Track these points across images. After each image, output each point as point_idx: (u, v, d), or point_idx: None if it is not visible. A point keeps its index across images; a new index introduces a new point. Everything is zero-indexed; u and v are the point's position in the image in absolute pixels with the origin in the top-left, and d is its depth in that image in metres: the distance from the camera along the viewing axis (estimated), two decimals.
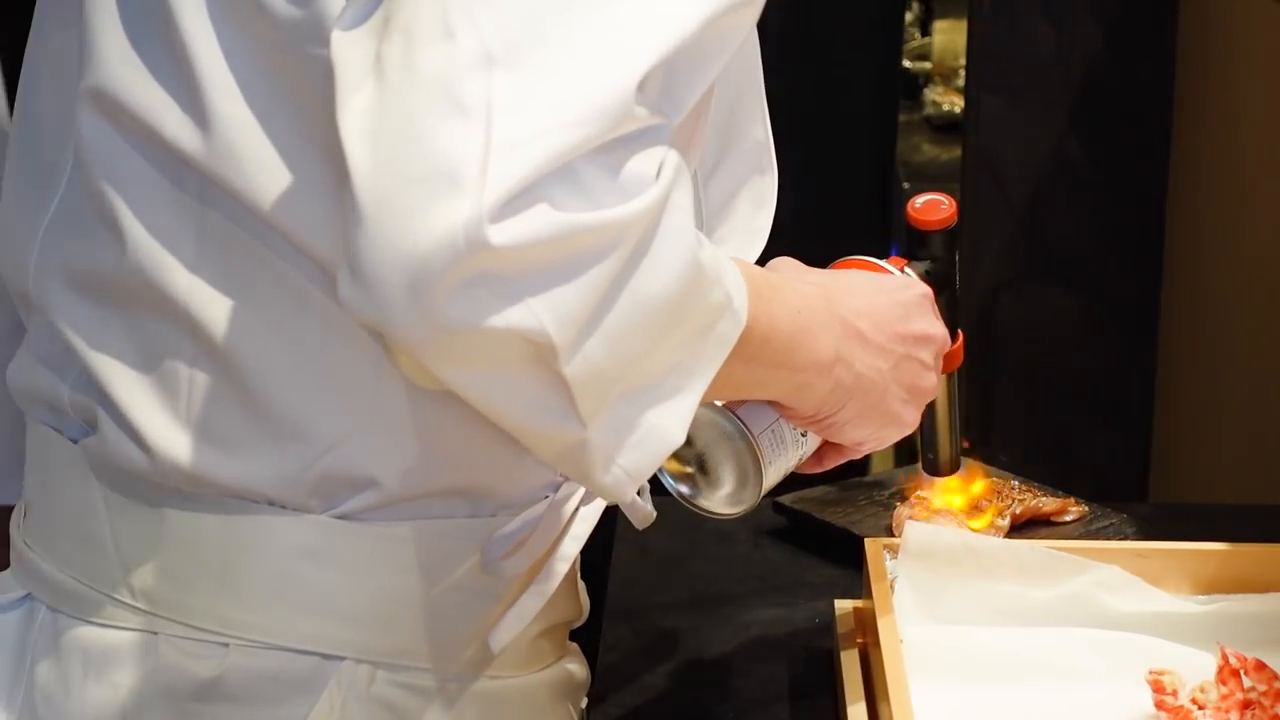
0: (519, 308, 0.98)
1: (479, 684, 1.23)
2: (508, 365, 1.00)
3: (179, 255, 1.14)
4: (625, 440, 1.05)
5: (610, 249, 0.99)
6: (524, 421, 1.03)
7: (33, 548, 1.23)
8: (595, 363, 1.01)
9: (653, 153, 1.02)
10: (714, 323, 1.07)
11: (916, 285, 1.30)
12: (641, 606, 1.59)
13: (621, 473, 1.06)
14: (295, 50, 1.09)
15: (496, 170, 0.96)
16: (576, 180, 0.98)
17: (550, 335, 0.99)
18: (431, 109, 0.97)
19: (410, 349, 0.99)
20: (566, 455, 1.05)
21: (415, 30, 0.98)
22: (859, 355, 1.22)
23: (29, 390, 1.23)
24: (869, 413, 1.24)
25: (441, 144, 0.96)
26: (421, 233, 0.96)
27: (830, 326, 1.20)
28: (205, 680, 1.17)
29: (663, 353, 1.05)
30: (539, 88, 0.97)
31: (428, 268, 0.96)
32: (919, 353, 1.26)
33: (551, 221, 0.97)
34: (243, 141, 1.11)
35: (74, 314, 1.17)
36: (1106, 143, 2.74)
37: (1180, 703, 1.28)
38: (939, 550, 1.42)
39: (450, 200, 0.95)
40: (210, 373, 1.15)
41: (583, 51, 0.98)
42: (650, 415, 1.06)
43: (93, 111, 1.14)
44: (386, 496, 1.17)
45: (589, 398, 1.02)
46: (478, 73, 0.97)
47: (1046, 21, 2.69)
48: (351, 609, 1.18)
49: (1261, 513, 1.89)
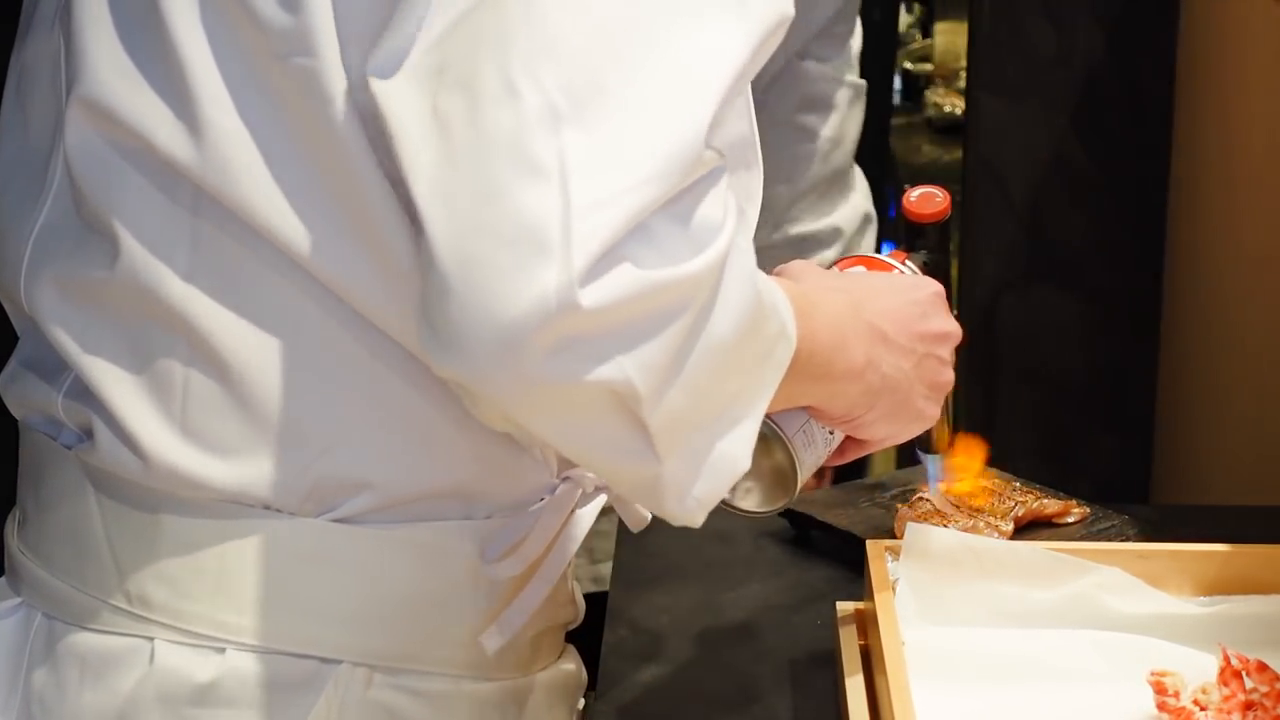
0: (609, 365, 1.01)
1: (476, 686, 1.23)
2: (592, 414, 1.03)
3: (173, 263, 1.14)
4: (697, 471, 1.09)
5: (689, 302, 1.02)
6: (603, 461, 1.07)
7: (27, 555, 1.23)
8: (674, 409, 1.04)
9: (716, 195, 1.04)
10: (771, 350, 1.11)
11: (929, 284, 1.33)
12: (642, 608, 1.59)
13: (694, 502, 1.10)
14: (284, 59, 1.09)
15: (580, 232, 0.98)
16: (651, 235, 1.01)
17: (636, 387, 1.02)
18: (506, 170, 0.98)
19: (498, 405, 1.03)
20: (641, 488, 1.09)
21: (477, 87, 0.99)
22: (885, 358, 1.25)
23: (22, 397, 1.23)
24: (895, 411, 1.27)
25: (521, 206, 0.98)
26: (512, 297, 0.98)
27: (860, 333, 1.23)
28: (202, 685, 1.17)
29: (730, 387, 1.08)
30: (610, 144, 0.99)
31: (519, 331, 0.98)
32: (938, 350, 1.30)
33: (636, 281, 1.00)
34: (234, 151, 1.11)
35: (66, 321, 1.17)
36: (1107, 144, 2.73)
37: (1182, 704, 1.28)
38: (940, 552, 1.42)
39: (539, 264, 0.98)
40: (204, 378, 1.15)
41: (649, 103, 1.01)
42: (718, 445, 1.09)
43: (83, 122, 1.14)
44: (382, 500, 1.17)
45: (666, 438, 1.06)
46: (547, 131, 0.99)
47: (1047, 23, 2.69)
48: (348, 612, 1.18)
49: (1263, 514, 1.88)
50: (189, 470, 1.15)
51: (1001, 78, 2.63)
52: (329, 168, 1.11)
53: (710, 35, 1.03)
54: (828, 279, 1.28)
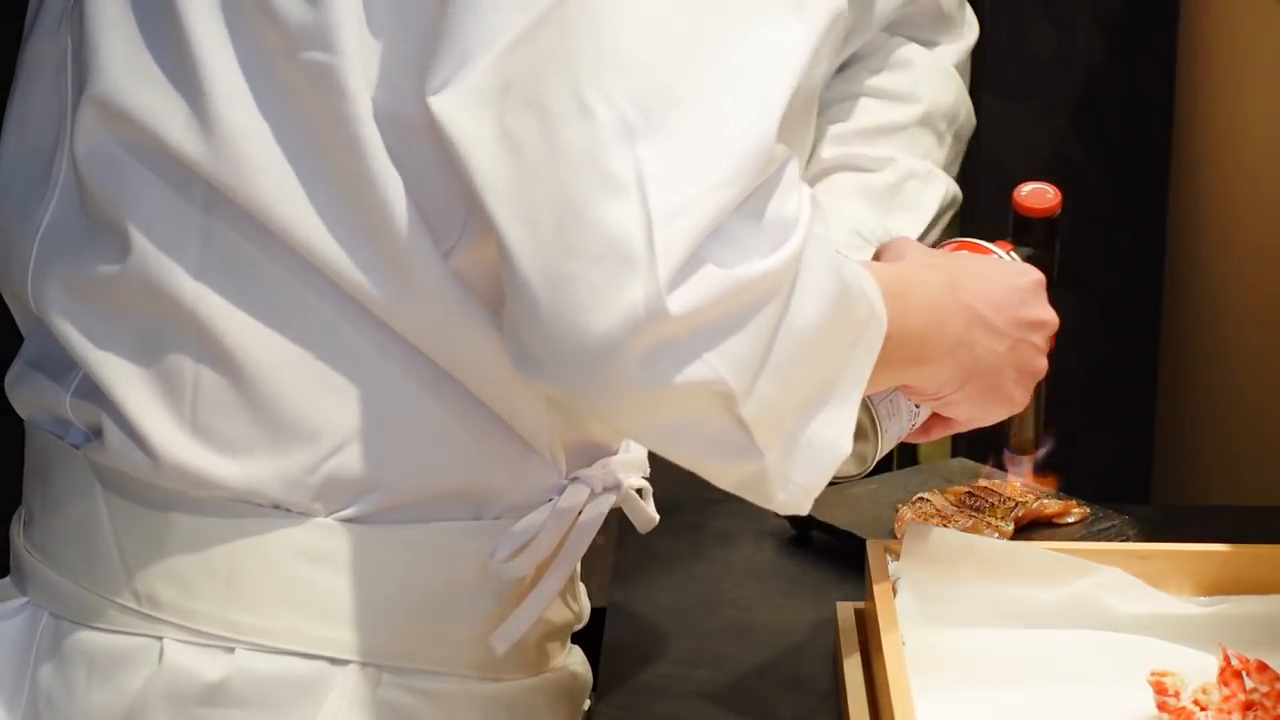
0: (698, 364, 1.03)
1: (484, 686, 1.23)
2: (689, 414, 1.05)
3: (184, 260, 1.14)
4: (800, 459, 1.11)
5: (771, 296, 1.04)
6: (706, 460, 1.09)
7: (34, 554, 1.23)
8: (768, 399, 1.06)
9: (788, 187, 1.06)
10: (862, 333, 1.12)
11: (1031, 271, 1.34)
12: (643, 608, 1.59)
13: (798, 489, 1.13)
14: (301, 56, 1.09)
15: (663, 241, 1.00)
16: (730, 236, 1.03)
17: (728, 383, 1.04)
18: (585, 188, 1.00)
19: (595, 414, 1.07)
20: (746, 482, 1.11)
21: (548, 106, 1.01)
22: (980, 339, 1.26)
23: (29, 397, 1.24)
24: (985, 393, 1.29)
25: (604, 222, 1.00)
26: (603, 312, 1.01)
27: (956, 312, 1.24)
28: (210, 684, 1.17)
29: (823, 373, 1.10)
30: (683, 152, 1.01)
31: (612, 344, 1.01)
32: (1033, 337, 1.31)
33: (720, 281, 1.02)
34: (248, 148, 1.11)
35: (74, 319, 1.17)
36: (1107, 144, 2.73)
37: (1182, 704, 1.28)
38: (941, 552, 1.42)
39: (626, 277, 1.00)
40: (215, 375, 1.15)
41: (716, 108, 1.02)
42: (819, 431, 1.11)
43: (94, 122, 1.15)
44: (391, 499, 1.17)
45: (765, 431, 1.07)
46: (622, 146, 1.01)
47: (1047, 23, 2.69)
48: (357, 612, 1.18)
49: (1263, 514, 1.88)
50: (198, 469, 1.16)
51: (1001, 78, 2.63)
52: (344, 166, 1.11)
53: (772, 38, 1.04)
54: (929, 257, 1.29)
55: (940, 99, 2.21)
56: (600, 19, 1.02)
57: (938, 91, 2.21)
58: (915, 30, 2.18)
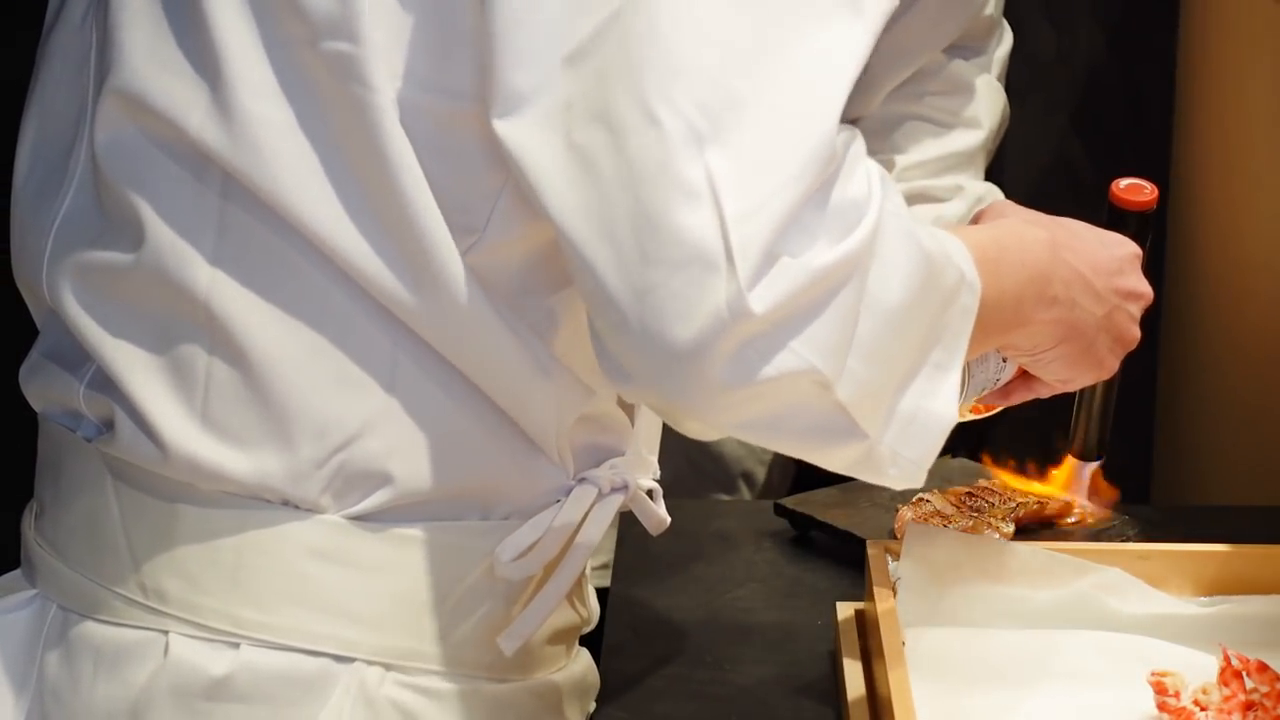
0: (786, 354, 1.04)
1: (490, 686, 1.23)
2: (786, 405, 1.06)
3: (199, 249, 1.15)
4: (907, 433, 1.12)
5: (849, 278, 1.05)
6: (812, 446, 1.10)
7: (44, 546, 1.23)
8: (862, 380, 1.07)
9: (854, 171, 1.07)
10: (954, 299, 1.13)
11: (1129, 244, 1.35)
12: (644, 609, 1.59)
13: (909, 463, 1.13)
14: (321, 45, 1.10)
15: (739, 243, 1.01)
16: (801, 226, 1.03)
17: (820, 370, 1.05)
18: (661, 197, 1.01)
19: (692, 416, 1.07)
20: (856, 463, 1.12)
21: (615, 119, 1.02)
22: (1078, 299, 1.27)
23: (42, 389, 1.24)
24: (1079, 354, 1.30)
25: (682, 229, 1.01)
26: (689, 318, 1.02)
27: (1056, 270, 1.25)
28: (216, 679, 1.17)
29: (917, 344, 1.11)
30: (751, 154, 1.02)
31: (701, 348, 1.02)
32: (1129, 306, 1.33)
33: (797, 272, 1.03)
34: (267, 137, 1.11)
35: (88, 311, 1.18)
36: (1108, 145, 2.73)
37: (1182, 704, 1.28)
38: (941, 553, 1.42)
39: (709, 281, 1.01)
40: (227, 368, 1.15)
41: (780, 108, 1.03)
42: (923, 403, 1.12)
43: (115, 111, 1.15)
44: (399, 496, 1.17)
45: (865, 411, 1.08)
46: (692, 153, 1.02)
47: (1047, 23, 2.69)
48: (363, 610, 1.18)
49: (1263, 514, 1.88)
50: (208, 461, 1.16)
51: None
52: (364, 157, 1.11)
53: (831, 37, 1.05)
54: (1028, 216, 1.30)
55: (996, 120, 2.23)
56: (659, 27, 1.03)
57: (995, 113, 2.23)
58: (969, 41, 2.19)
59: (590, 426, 1.23)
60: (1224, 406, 2.49)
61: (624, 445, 1.26)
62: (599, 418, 1.24)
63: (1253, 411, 2.36)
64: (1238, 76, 2.45)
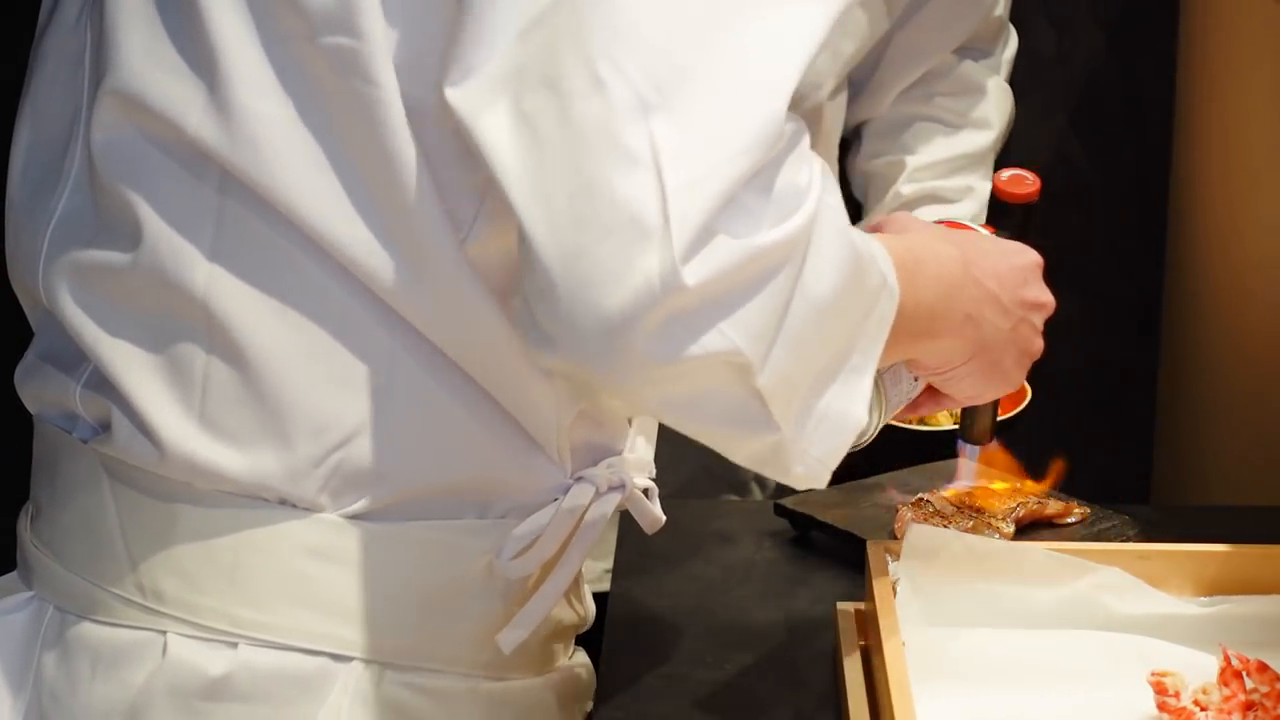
0: (713, 334, 1.03)
1: (487, 686, 1.24)
2: (706, 386, 1.05)
3: (197, 247, 1.15)
4: (816, 432, 1.11)
5: (783, 264, 1.04)
6: (723, 433, 1.09)
7: (41, 548, 1.23)
8: (782, 369, 1.06)
9: (798, 159, 1.06)
10: (874, 304, 1.12)
11: (1030, 252, 1.35)
12: (643, 609, 1.59)
13: (815, 462, 1.12)
14: (320, 40, 1.10)
15: (678, 213, 1.00)
16: (742, 207, 1.02)
17: (744, 353, 1.04)
18: (601, 162, 1.00)
19: (612, 389, 1.05)
20: (763, 455, 1.11)
21: (562, 84, 1.01)
22: (988, 315, 1.27)
23: (38, 391, 1.24)
24: (987, 370, 1.30)
25: (619, 195, 1.00)
26: (618, 285, 1.00)
27: (967, 287, 1.25)
28: (214, 679, 1.17)
29: (836, 343, 1.10)
30: (697, 125, 1.01)
31: (627, 316, 1.00)
32: (1034, 317, 1.32)
33: (733, 251, 1.02)
34: (265, 133, 1.11)
35: (85, 311, 1.18)
36: (1107, 144, 2.74)
37: (1182, 704, 1.28)
38: (941, 553, 1.42)
39: (641, 249, 1.00)
40: (225, 366, 1.15)
41: (731, 82, 1.02)
42: (835, 403, 1.11)
43: (112, 112, 1.15)
44: (396, 494, 1.17)
45: (781, 402, 1.07)
46: (636, 120, 1.00)
47: (1047, 23, 2.69)
48: (361, 609, 1.18)
49: (1263, 514, 1.88)
50: (205, 460, 1.16)
51: None
52: (364, 151, 1.11)
53: (788, 15, 1.05)
54: (936, 231, 1.29)
55: (1005, 121, 2.24)
56: None
57: (1004, 114, 2.23)
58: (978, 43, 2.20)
59: (589, 424, 1.23)
60: (1224, 406, 2.49)
61: (620, 444, 1.26)
62: (597, 415, 1.24)
63: (1253, 411, 2.36)
64: (1238, 76, 2.45)
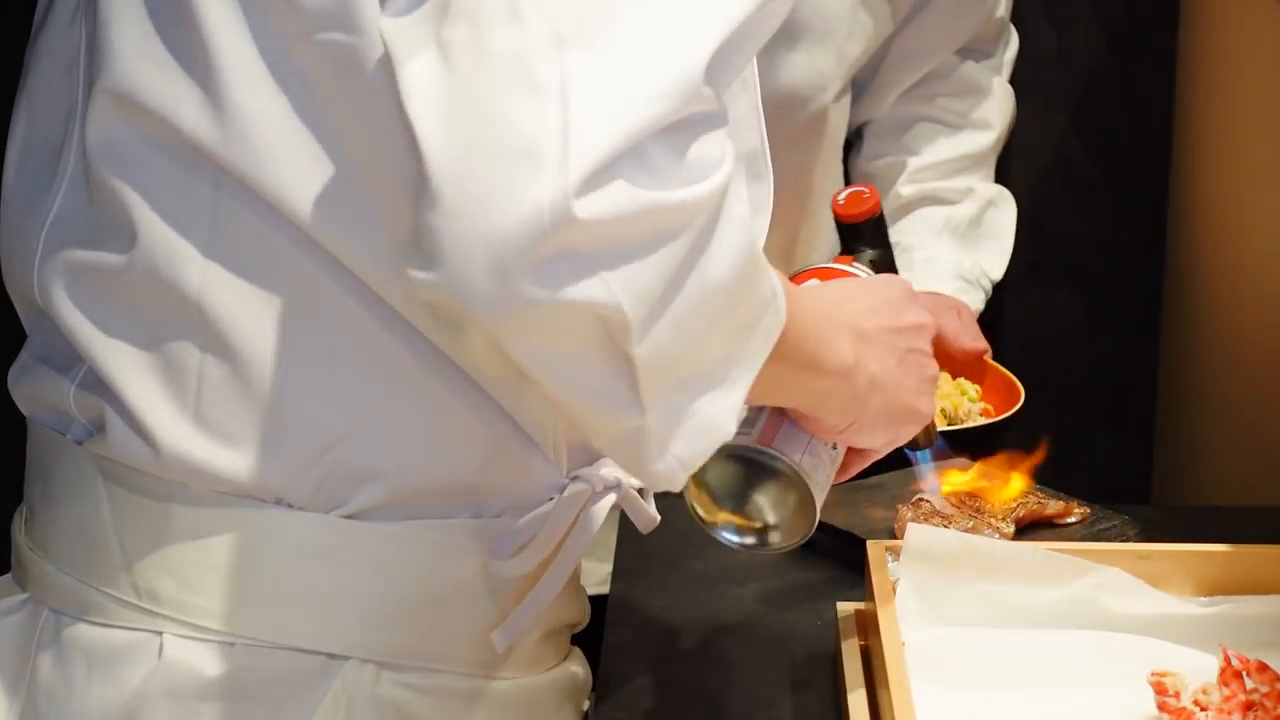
0: (596, 282, 0.99)
1: (484, 685, 1.23)
2: (580, 343, 1.02)
3: (192, 245, 1.14)
4: (680, 428, 1.08)
5: (681, 229, 1.01)
6: (587, 403, 1.05)
7: (35, 550, 1.23)
8: (661, 345, 1.03)
9: (716, 137, 1.03)
10: (761, 315, 1.09)
11: (896, 281, 1.32)
12: (642, 608, 1.59)
13: (675, 461, 1.08)
14: (315, 36, 1.09)
15: (577, 146, 0.97)
16: (646, 160, 1.00)
17: (625, 312, 1.00)
18: (506, 88, 0.97)
19: (486, 325, 1.00)
20: (624, 440, 1.07)
21: (481, 14, 0.99)
22: (871, 357, 1.24)
23: (31, 392, 1.24)
24: (888, 411, 1.27)
25: (519, 122, 0.97)
26: (505, 210, 0.97)
27: (844, 331, 1.22)
28: (210, 679, 1.17)
29: (718, 341, 1.07)
30: (611, 65, 0.99)
31: (512, 244, 0.97)
32: (918, 343, 1.29)
33: (630, 198, 0.99)
34: (260, 131, 1.11)
35: (80, 311, 1.18)
36: (1108, 144, 2.74)
37: (1182, 704, 1.28)
38: (941, 552, 1.42)
39: (534, 177, 0.97)
40: (220, 366, 1.15)
41: (652, 30, 1.00)
42: (704, 405, 1.08)
43: (107, 111, 1.15)
44: (392, 494, 1.17)
45: (651, 382, 1.04)
46: (549, 52, 0.98)
47: (1047, 23, 2.69)
48: (357, 609, 1.18)
49: (1263, 514, 1.88)
50: (200, 460, 1.16)
51: None
52: (359, 147, 1.11)
53: None
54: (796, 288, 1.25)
55: (1006, 121, 2.24)
56: None
57: (1005, 114, 2.23)
58: (979, 44, 2.20)
59: None
60: (1224, 406, 2.49)
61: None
62: None
63: (1252, 411, 2.36)
64: (1238, 76, 2.45)
